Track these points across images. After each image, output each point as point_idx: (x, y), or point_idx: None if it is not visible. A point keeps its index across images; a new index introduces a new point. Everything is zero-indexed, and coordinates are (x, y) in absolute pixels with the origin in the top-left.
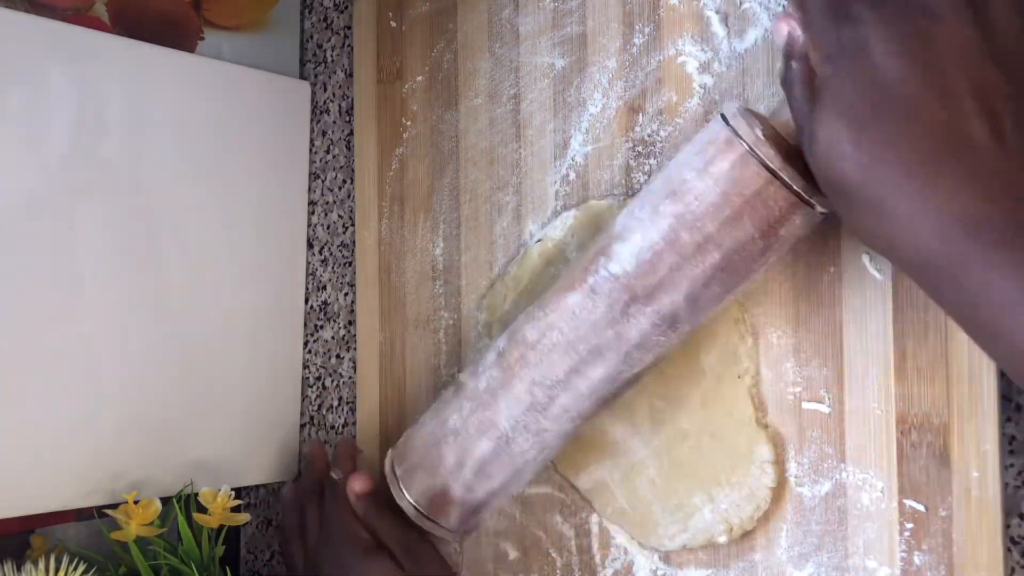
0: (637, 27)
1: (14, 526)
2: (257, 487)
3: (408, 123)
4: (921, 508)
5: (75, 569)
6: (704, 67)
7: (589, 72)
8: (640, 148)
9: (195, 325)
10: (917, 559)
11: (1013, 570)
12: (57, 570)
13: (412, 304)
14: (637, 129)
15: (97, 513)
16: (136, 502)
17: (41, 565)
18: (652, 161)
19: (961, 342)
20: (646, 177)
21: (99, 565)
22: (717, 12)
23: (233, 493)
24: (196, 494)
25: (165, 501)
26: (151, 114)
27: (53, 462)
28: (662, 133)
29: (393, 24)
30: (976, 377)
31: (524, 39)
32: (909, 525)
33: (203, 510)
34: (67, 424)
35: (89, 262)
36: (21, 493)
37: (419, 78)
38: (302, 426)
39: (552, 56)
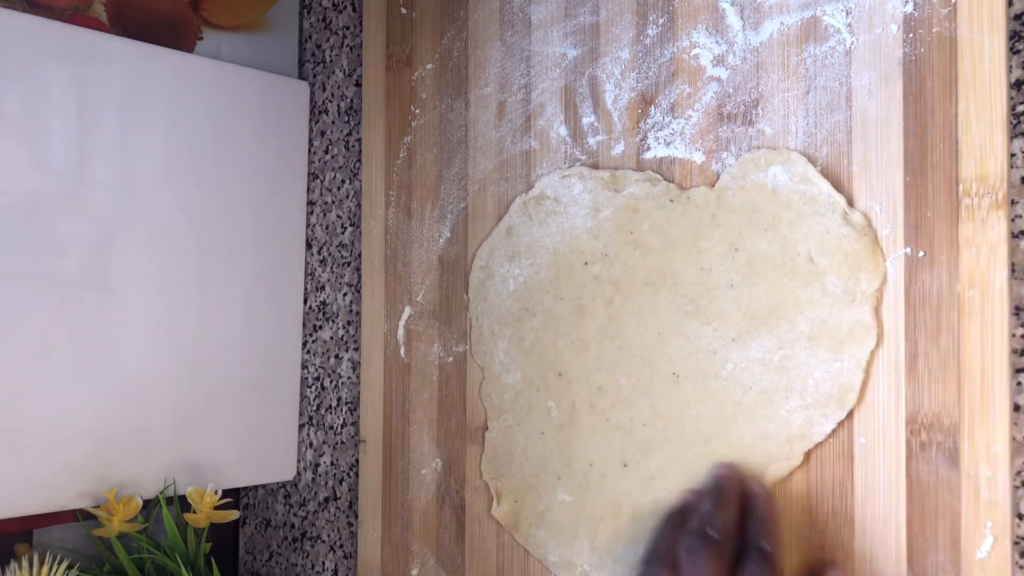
0: (651, 18)
1: (14, 526)
2: (256, 487)
3: (417, 111)
4: None
5: (59, 564)
6: (718, 60)
7: (602, 63)
8: (652, 141)
9: (193, 326)
10: None
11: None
12: (41, 565)
13: (418, 293)
14: (649, 121)
15: (80, 514)
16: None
17: (24, 563)
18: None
19: (974, 343)
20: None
21: (82, 563)
22: (733, 4)
23: (220, 491)
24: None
25: (156, 502)
26: (149, 114)
27: (48, 464)
28: (675, 126)
29: (403, 11)
30: (988, 378)
31: (536, 28)
32: None
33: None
34: (61, 427)
35: (85, 262)
36: (18, 494)
37: (429, 65)
38: (301, 426)
39: (564, 46)
